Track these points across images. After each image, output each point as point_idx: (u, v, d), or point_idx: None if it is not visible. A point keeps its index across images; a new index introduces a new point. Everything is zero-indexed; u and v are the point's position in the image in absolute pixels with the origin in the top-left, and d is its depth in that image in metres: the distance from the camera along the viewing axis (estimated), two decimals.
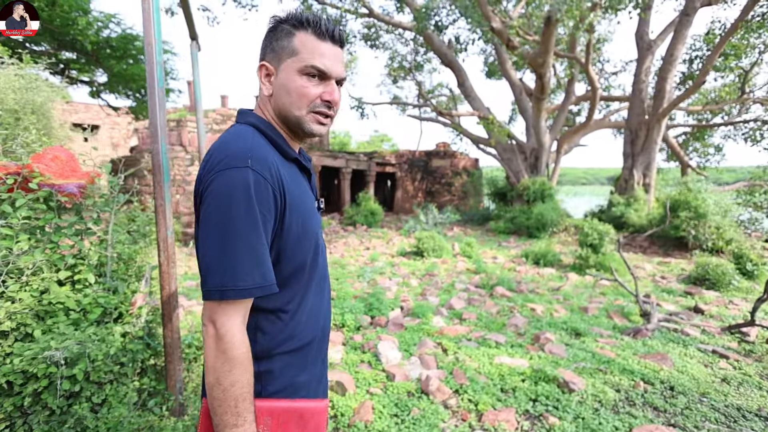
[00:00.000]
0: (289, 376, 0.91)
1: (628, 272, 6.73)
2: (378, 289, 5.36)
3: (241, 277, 0.77)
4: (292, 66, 0.89)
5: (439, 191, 17.88)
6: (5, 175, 2.15)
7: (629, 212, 9.71)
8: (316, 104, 0.92)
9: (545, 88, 10.04)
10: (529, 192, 11.81)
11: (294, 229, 0.87)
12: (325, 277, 1.04)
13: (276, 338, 0.89)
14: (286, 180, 0.86)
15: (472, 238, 10.89)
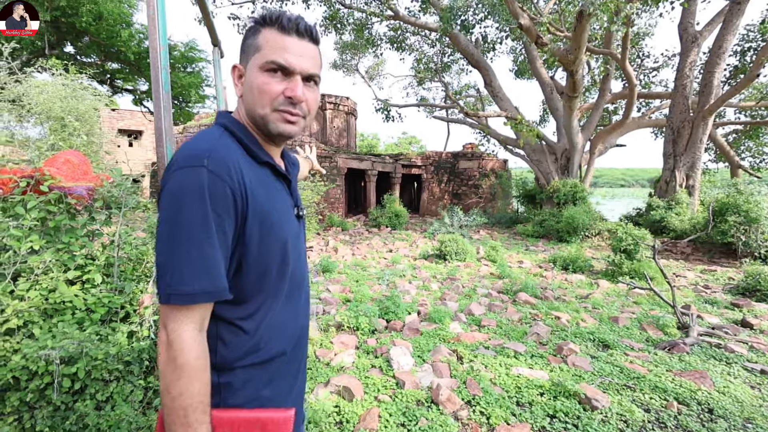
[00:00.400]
0: (253, 390, 0.86)
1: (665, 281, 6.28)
2: (395, 292, 5.22)
3: (186, 281, 0.74)
4: (255, 63, 0.86)
5: (466, 193, 17.54)
6: (19, 178, 2.18)
7: (670, 216, 9.09)
8: (279, 102, 0.86)
9: (577, 86, 9.60)
10: (559, 194, 11.34)
11: (257, 234, 0.83)
12: (300, 285, 0.99)
13: (238, 350, 0.85)
14: (252, 183, 0.82)
15: (498, 242, 10.57)
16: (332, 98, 17.47)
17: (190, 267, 0.74)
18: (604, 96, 11.53)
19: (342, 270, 7.03)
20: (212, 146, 0.80)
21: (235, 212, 0.79)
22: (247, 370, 0.85)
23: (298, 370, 0.99)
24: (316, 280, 6.24)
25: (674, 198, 9.66)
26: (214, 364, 0.82)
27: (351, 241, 10.48)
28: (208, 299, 0.76)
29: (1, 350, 1.79)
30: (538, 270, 7.29)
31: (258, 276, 0.85)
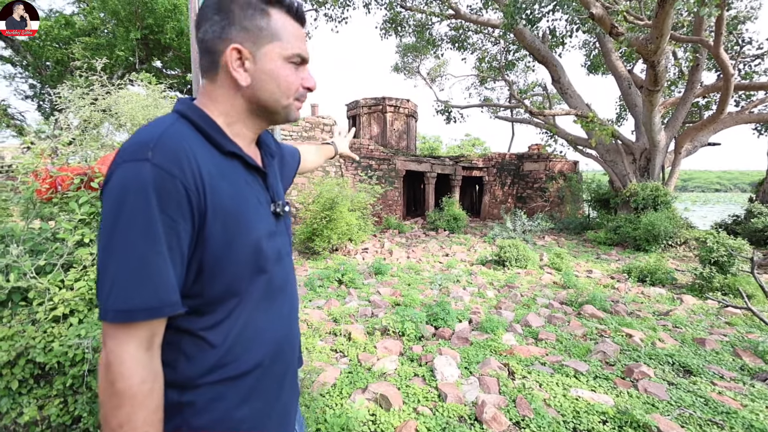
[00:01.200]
0: (222, 410, 0.76)
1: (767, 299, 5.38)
2: (445, 298, 5.00)
3: (124, 296, 0.64)
4: (276, 52, 0.79)
5: (531, 197, 16.63)
6: (74, 175, 2.33)
7: None
8: (300, 92, 0.86)
9: (658, 79, 8.63)
10: (637, 198, 10.30)
11: (221, 234, 0.73)
12: (282, 290, 0.88)
13: (203, 365, 0.75)
14: (212, 176, 0.72)
15: (565, 249, 9.83)
16: (392, 101, 17.50)
17: (129, 279, 0.64)
18: (693, 89, 10.25)
19: (395, 273, 6.92)
20: (159, 135, 0.69)
21: (190, 211, 0.69)
22: (214, 388, 0.75)
23: (280, 387, 0.87)
24: (366, 282, 6.18)
25: None
26: (174, 382, 0.73)
27: (407, 244, 10.34)
28: (150, 316, 0.66)
29: (48, 336, 1.90)
30: (609, 281, 6.62)
31: (224, 281, 0.75)
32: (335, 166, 11.25)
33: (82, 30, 15.16)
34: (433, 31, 14.33)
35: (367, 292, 5.58)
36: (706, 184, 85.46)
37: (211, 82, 0.80)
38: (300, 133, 10.71)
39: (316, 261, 7.95)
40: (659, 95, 9.28)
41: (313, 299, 5.21)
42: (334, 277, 6.11)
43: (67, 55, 14.56)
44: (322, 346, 3.53)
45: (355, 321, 4.32)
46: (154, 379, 0.68)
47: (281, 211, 0.89)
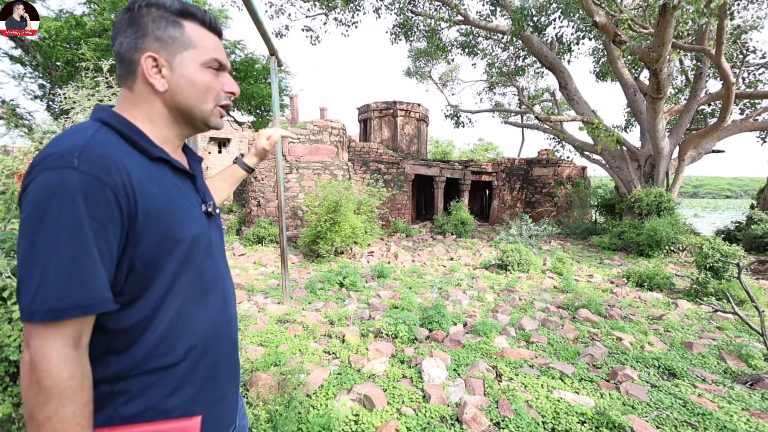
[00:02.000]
0: (154, 398, 0.79)
1: (763, 304, 5.48)
2: (440, 301, 5.18)
3: (54, 295, 0.66)
4: (192, 59, 0.85)
5: (540, 201, 16.71)
6: None
7: None
8: (221, 97, 0.91)
9: (661, 87, 8.73)
10: (641, 204, 10.38)
11: (151, 235, 0.77)
12: (214, 284, 0.92)
13: (134, 358, 0.78)
14: (142, 181, 0.76)
15: (569, 254, 9.95)
16: (403, 105, 17.70)
17: (59, 279, 0.66)
18: (696, 97, 10.32)
19: (397, 276, 7.13)
20: (85, 143, 0.72)
21: (120, 215, 0.72)
22: (146, 377, 0.79)
23: (213, 375, 0.90)
24: (368, 285, 6.40)
25: None
26: (106, 378, 0.76)
27: (413, 248, 10.55)
28: (83, 313, 0.69)
29: None
30: (608, 285, 6.76)
31: (155, 278, 0.79)
32: (343, 170, 11.51)
33: (93, 31, 15.54)
34: (443, 36, 14.54)
35: (367, 295, 5.80)
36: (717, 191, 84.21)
37: (129, 90, 0.85)
38: (308, 136, 10.98)
39: (320, 264, 8.19)
40: (662, 102, 9.37)
41: (312, 301, 5.42)
42: (335, 280, 6.33)
43: (77, 55, 14.97)
44: (315, 348, 3.73)
45: (351, 323, 4.51)
46: (83, 375, 0.70)
47: (212, 210, 0.95)
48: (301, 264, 8.29)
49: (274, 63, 4.63)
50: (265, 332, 4.05)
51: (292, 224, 10.46)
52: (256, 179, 11.29)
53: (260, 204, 11.17)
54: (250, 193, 11.52)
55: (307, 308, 5.08)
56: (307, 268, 7.97)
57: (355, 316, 4.75)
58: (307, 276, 7.08)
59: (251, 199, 11.49)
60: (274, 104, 4.61)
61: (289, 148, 10.81)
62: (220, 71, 0.91)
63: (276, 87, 4.62)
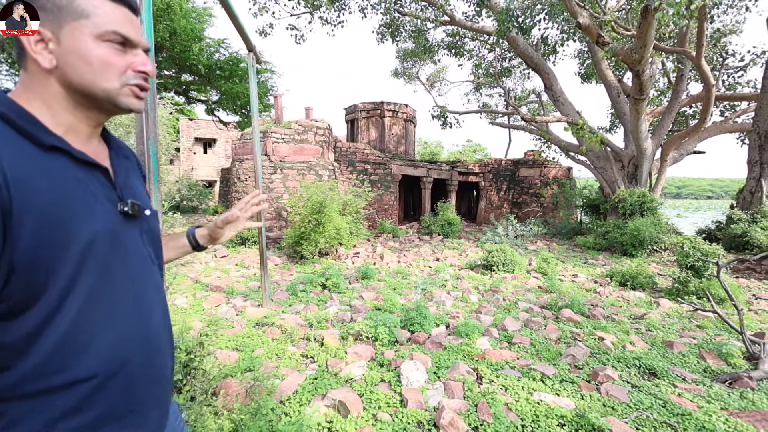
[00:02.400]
0: (41, 424, 0.68)
1: (743, 302, 5.54)
2: (422, 303, 5.11)
3: None
4: (84, 31, 0.74)
5: (527, 202, 16.81)
6: None
7: (754, 230, 8.00)
8: (129, 76, 0.80)
9: (643, 88, 8.82)
10: (625, 205, 10.48)
11: (35, 234, 0.66)
12: (130, 291, 0.81)
13: (13, 376, 0.67)
14: (23, 172, 0.66)
15: (555, 254, 9.99)
16: (391, 105, 17.67)
17: None
18: (678, 98, 10.47)
19: (382, 277, 7.05)
20: None
21: None
22: (31, 401, 0.68)
23: (126, 395, 0.79)
24: (351, 287, 6.31)
25: (759, 210, 8.47)
26: None
27: (400, 248, 10.48)
28: None
29: None
30: (592, 285, 6.78)
31: (45, 283, 0.68)
32: (328, 170, 11.40)
33: None
34: (429, 37, 14.54)
35: (349, 297, 5.71)
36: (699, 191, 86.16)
37: (24, 71, 0.76)
38: (292, 136, 10.85)
39: (304, 265, 8.07)
40: (645, 104, 9.47)
41: (293, 304, 5.31)
42: (317, 281, 6.23)
43: None
44: (293, 352, 3.63)
45: (332, 326, 4.43)
46: None
47: (131, 210, 0.83)
48: (284, 266, 8.17)
49: (252, 59, 4.53)
50: (241, 336, 3.94)
51: (276, 225, 10.32)
52: (240, 180, 11.13)
53: None
54: (233, 194, 11.35)
55: (287, 311, 4.97)
56: (291, 269, 7.85)
57: (335, 319, 4.66)
58: (289, 278, 6.96)
59: (234, 200, 11.32)
60: (252, 102, 4.51)
61: (273, 148, 10.67)
62: (127, 47, 0.80)
63: (254, 84, 4.52)
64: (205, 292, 5.81)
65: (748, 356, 3.87)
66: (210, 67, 17.08)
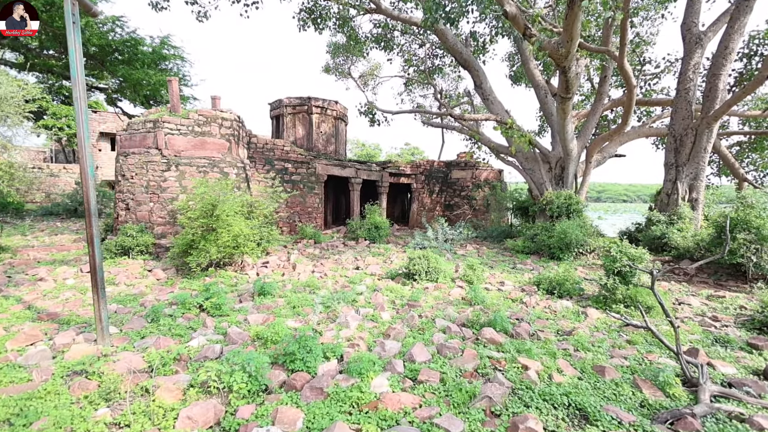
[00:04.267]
0: None
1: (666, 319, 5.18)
2: (306, 330, 4.13)
3: None
4: None
5: (459, 204, 16.47)
6: None
7: (671, 232, 7.99)
8: None
9: (570, 86, 8.59)
10: (552, 207, 10.27)
11: None
12: None
13: None
14: None
15: (484, 258, 9.49)
16: (319, 101, 16.56)
17: None
18: (602, 100, 10.51)
19: (284, 293, 5.97)
20: None
21: None
22: None
23: None
24: (239, 307, 5.17)
25: (676, 212, 8.55)
26: None
27: (319, 256, 9.42)
28: None
29: None
30: (518, 294, 6.19)
31: None
32: (237, 168, 10.06)
33: None
34: (355, 26, 13.63)
35: (231, 322, 4.58)
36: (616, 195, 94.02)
37: None
38: (191, 127, 9.37)
39: (192, 280, 6.76)
40: (571, 103, 9.28)
41: (146, 335, 4.08)
42: (194, 302, 5.02)
43: None
44: (101, 417, 2.49)
45: (186, 368, 3.31)
46: None
47: None
48: (167, 281, 6.78)
49: (72, 5, 3.27)
50: (29, 396, 2.69)
51: (170, 231, 8.79)
52: (125, 178, 9.43)
53: (129, 207, 9.31)
54: (117, 195, 9.60)
55: (131, 347, 3.74)
56: (174, 285, 6.50)
57: (197, 356, 3.52)
58: (163, 298, 5.63)
59: (119, 201, 9.59)
60: (73, 68, 3.25)
61: (167, 141, 9.13)
62: None
63: (75, 39, 3.27)
64: (30, 322, 4.37)
65: (684, 380, 3.32)
66: (103, 47, 14.82)
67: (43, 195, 18.51)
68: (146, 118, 9.23)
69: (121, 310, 4.99)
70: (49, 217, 14.56)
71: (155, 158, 9.13)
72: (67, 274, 6.86)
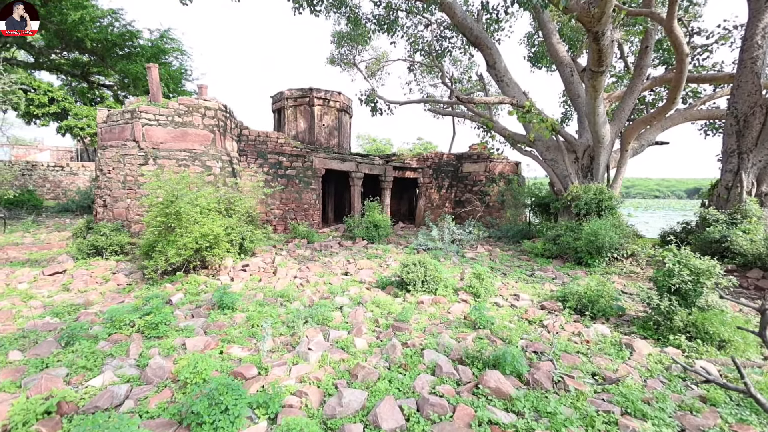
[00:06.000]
0: None
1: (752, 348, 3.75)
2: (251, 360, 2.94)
3: None
4: None
5: (471, 201, 15.02)
6: None
7: (735, 234, 6.42)
8: None
9: (603, 56, 7.12)
10: (579, 203, 8.79)
11: None
12: None
13: None
14: None
15: (496, 263, 8.13)
16: (321, 93, 15.42)
17: None
18: (641, 76, 8.92)
19: (246, 307, 4.80)
20: None
21: None
22: None
23: None
24: (186, 325, 4.05)
25: (740, 209, 6.95)
26: None
27: (309, 257, 8.25)
28: None
29: None
30: (537, 313, 4.84)
31: None
32: (222, 162, 8.99)
33: None
34: (354, 6, 12.37)
35: (164, 347, 3.48)
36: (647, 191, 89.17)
37: None
38: (171, 117, 8.34)
39: (152, 287, 5.67)
40: (604, 78, 7.79)
41: (50, 365, 3.07)
42: (128, 319, 3.91)
43: None
44: None
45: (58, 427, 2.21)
46: None
47: None
48: (126, 287, 5.72)
49: None
50: None
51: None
52: (102, 173, 8.49)
53: (106, 204, 8.37)
54: (96, 191, 8.70)
55: (17, 386, 2.74)
56: (130, 293, 5.44)
57: (87, 405, 2.50)
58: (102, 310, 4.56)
59: (97, 198, 8.68)
60: None
61: (144, 132, 8.13)
62: None
63: None
64: None
65: None
66: (101, 42, 14.06)
67: (60, 192, 19.25)
68: (125, 108, 8.29)
69: (48, 325, 4.00)
70: (64, 213, 14.62)
71: (132, 151, 8.17)
72: (24, 278, 5.97)
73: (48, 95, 23.92)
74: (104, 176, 8.52)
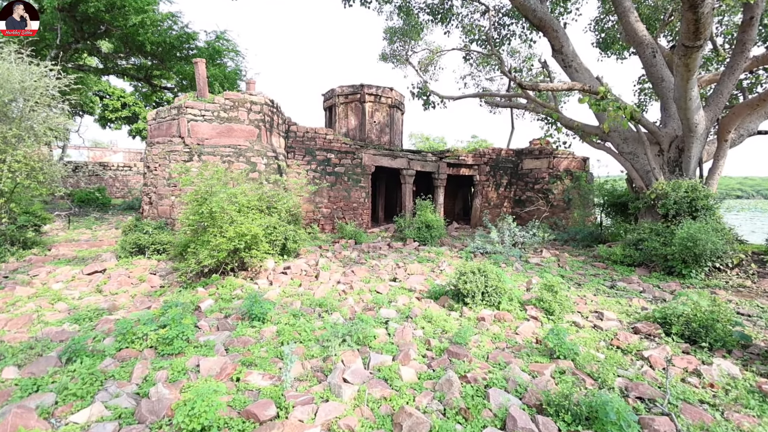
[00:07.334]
0: None
1: None
2: (272, 392, 2.33)
3: None
4: None
5: (532, 200, 13.81)
6: None
7: None
8: None
9: (701, 27, 5.88)
10: (667, 202, 7.49)
11: None
12: None
13: None
14: None
15: (567, 271, 7.09)
16: (372, 89, 14.96)
17: None
18: (744, 52, 7.43)
19: (282, 317, 4.27)
20: None
21: None
22: None
23: None
24: (207, 340, 3.57)
25: None
26: None
27: (355, 260, 7.68)
28: None
29: None
30: (631, 339, 3.88)
31: None
32: (267, 158, 8.67)
33: None
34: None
35: (175, 369, 2.99)
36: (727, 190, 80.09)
37: None
38: (216, 113, 8.15)
39: (184, 290, 5.33)
40: (700, 55, 6.51)
41: (41, 388, 2.73)
42: (144, 331, 3.49)
43: None
44: None
45: None
46: None
47: None
48: (158, 290, 5.44)
49: None
50: None
51: None
52: (149, 169, 8.47)
53: (152, 202, 8.33)
54: (143, 188, 8.73)
55: None
56: (161, 297, 5.15)
57: None
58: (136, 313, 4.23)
59: (144, 195, 8.70)
60: None
61: (190, 128, 7.99)
62: None
63: None
64: None
65: None
66: (160, 44, 14.54)
67: (127, 191, 21.37)
68: (173, 105, 8.26)
69: (61, 334, 3.70)
70: (128, 211, 15.51)
71: (177, 147, 8.07)
72: (62, 277, 5.89)
73: (120, 100, 25.72)
74: (151, 173, 8.49)
